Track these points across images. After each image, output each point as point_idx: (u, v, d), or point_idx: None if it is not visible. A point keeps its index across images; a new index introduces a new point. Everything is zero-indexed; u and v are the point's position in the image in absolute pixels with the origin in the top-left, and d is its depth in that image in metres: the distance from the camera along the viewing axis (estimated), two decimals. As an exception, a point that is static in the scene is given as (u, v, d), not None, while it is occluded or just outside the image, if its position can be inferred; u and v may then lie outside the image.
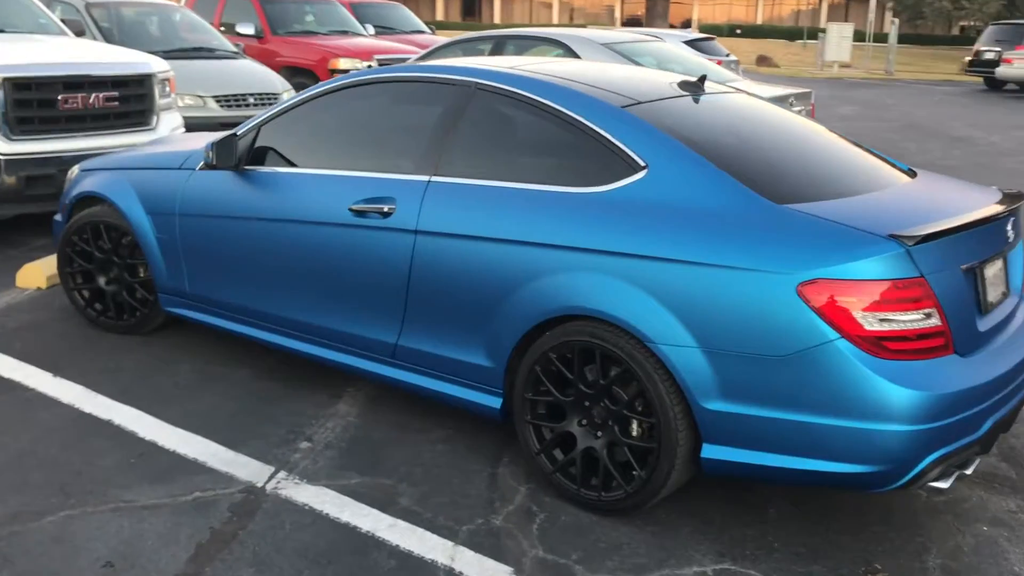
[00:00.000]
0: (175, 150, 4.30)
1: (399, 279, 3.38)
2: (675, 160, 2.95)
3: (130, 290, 4.48)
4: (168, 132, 6.74)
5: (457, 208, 3.24)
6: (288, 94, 10.09)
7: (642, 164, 2.98)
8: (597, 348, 2.94)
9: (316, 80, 13.90)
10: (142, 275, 4.45)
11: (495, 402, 3.26)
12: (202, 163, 4.04)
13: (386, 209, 3.38)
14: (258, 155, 3.90)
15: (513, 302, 3.10)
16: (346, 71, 13.76)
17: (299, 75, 13.20)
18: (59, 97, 5.96)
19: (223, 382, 4.04)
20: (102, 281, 4.56)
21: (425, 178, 3.36)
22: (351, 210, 3.46)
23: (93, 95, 6.18)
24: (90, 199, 4.54)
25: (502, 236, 3.11)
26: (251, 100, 9.52)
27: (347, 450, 3.45)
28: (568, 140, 3.15)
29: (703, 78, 3.63)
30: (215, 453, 3.39)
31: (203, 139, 4.55)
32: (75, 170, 4.75)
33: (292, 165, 3.79)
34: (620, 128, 3.07)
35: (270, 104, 9.71)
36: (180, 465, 3.30)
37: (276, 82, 10.02)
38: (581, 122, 3.13)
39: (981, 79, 23.34)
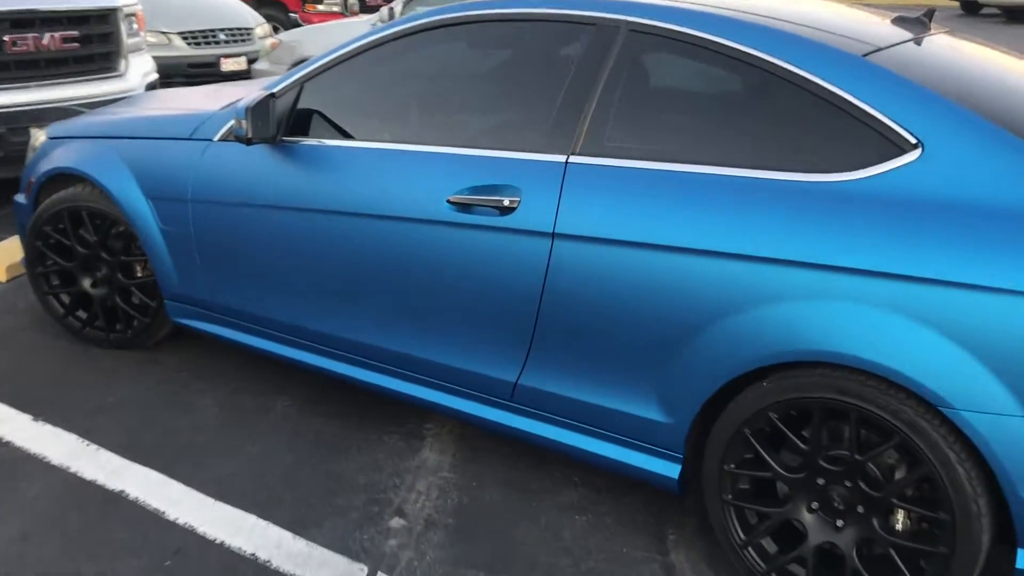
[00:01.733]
0: (180, 113, 3.25)
1: (525, 299, 2.44)
2: (963, 134, 2.03)
3: (124, 294, 3.46)
4: (140, 79, 5.60)
5: (615, 202, 2.29)
6: (261, 29, 8.88)
7: (913, 141, 2.05)
8: (852, 410, 2.05)
9: (286, 12, 12.56)
10: (140, 275, 3.43)
11: (670, 470, 2.38)
12: (223, 131, 3.02)
13: (506, 203, 2.42)
14: (300, 122, 2.89)
15: (709, 338, 2.19)
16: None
17: (266, 6, 11.88)
18: (4, 38, 4.80)
19: (260, 420, 3.08)
20: (87, 283, 3.53)
21: (561, 158, 2.40)
22: (451, 203, 2.49)
23: (47, 35, 5.02)
24: (67, 177, 3.47)
25: (690, 245, 2.18)
26: (222, 37, 8.32)
27: (458, 530, 2.54)
28: (789, 105, 2.20)
29: (930, 12, 2.69)
30: (280, 543, 2.46)
31: (214, 97, 3.49)
32: (41, 136, 3.66)
33: (349, 137, 2.79)
34: (875, 88, 2.13)
35: (243, 41, 8.52)
36: (236, 568, 2.36)
37: (247, 15, 8.80)
38: (809, 80, 2.18)
39: (957, 3, 22.49)
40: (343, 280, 2.76)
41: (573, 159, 2.39)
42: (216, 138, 3.04)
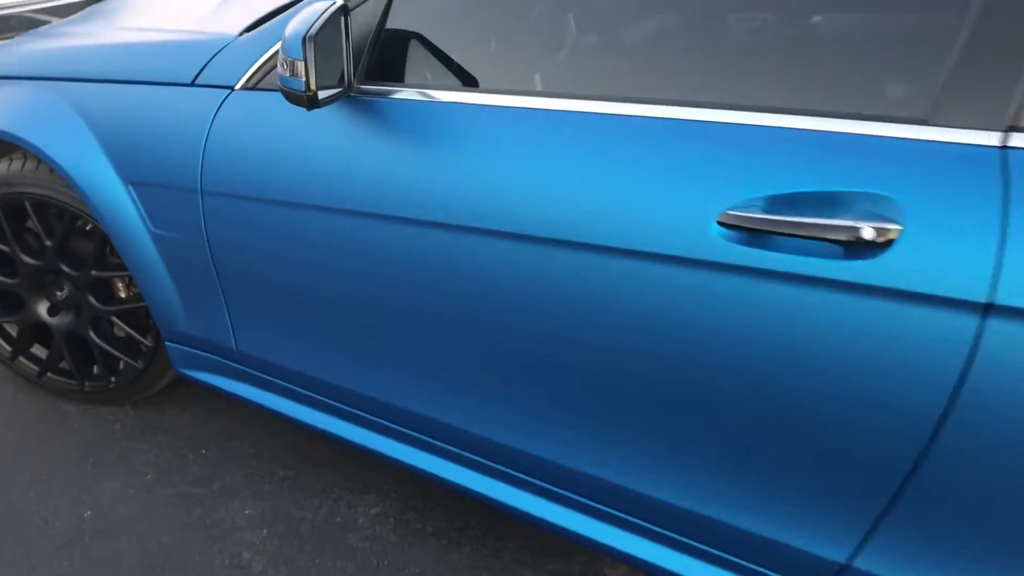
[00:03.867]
0: (170, 39, 1.94)
1: (902, 428, 1.20)
2: None
3: (99, 326, 2.22)
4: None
5: None
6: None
7: None
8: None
9: None
10: (124, 295, 2.18)
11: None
12: (250, 72, 1.73)
13: (865, 232, 1.15)
14: (392, 57, 1.60)
15: None
16: None
17: None
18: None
19: (341, 542, 1.88)
20: (42, 309, 2.28)
21: (992, 138, 1.12)
22: (724, 225, 1.22)
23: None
24: (-6, 144, 2.19)
25: None
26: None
27: None
28: None
29: None
30: None
31: (223, 7, 2.17)
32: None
33: (492, 87, 1.51)
34: None
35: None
36: None
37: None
38: None
39: None
40: (497, 353, 1.52)
41: (1018, 139, 1.11)
42: (239, 84, 1.75)
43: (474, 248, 1.43)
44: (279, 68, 1.47)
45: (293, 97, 1.46)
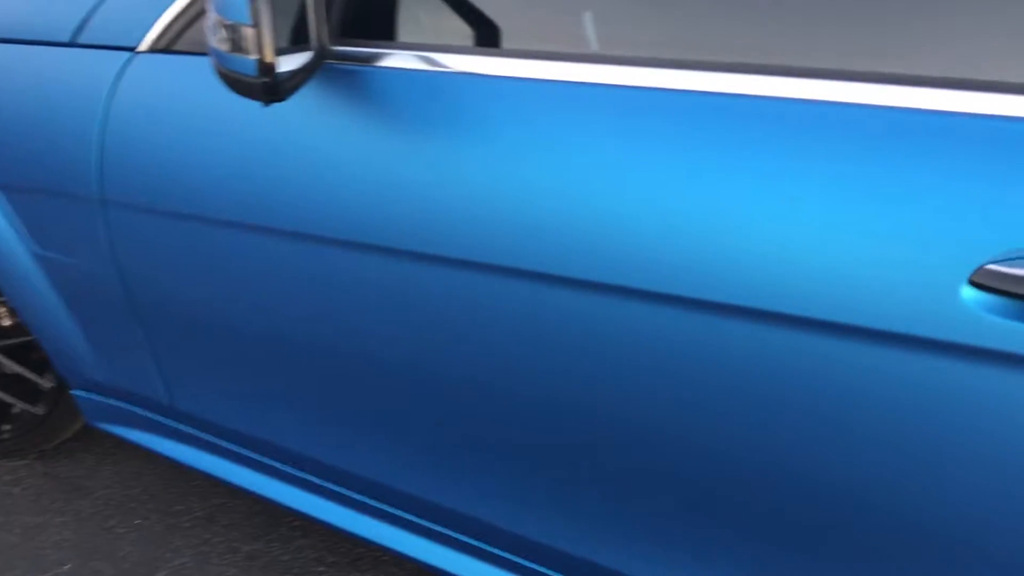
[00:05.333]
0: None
1: None
2: None
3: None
4: None
5: None
6: None
7: None
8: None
9: None
10: (7, 325, 1.63)
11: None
12: (159, 30, 1.15)
13: None
14: (376, 8, 1.05)
15: None
16: None
17: None
18: None
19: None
20: None
21: None
22: (982, 288, 0.73)
23: None
24: None
25: None
26: None
27: None
28: None
29: None
30: None
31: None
32: None
33: (534, 48, 0.98)
34: None
35: None
36: None
37: None
38: None
39: None
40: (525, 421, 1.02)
41: None
42: (144, 44, 1.17)
43: (547, 301, 0.92)
44: (209, 38, 0.91)
45: (238, 84, 0.90)
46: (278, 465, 1.35)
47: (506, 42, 1.02)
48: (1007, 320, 0.73)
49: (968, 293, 0.74)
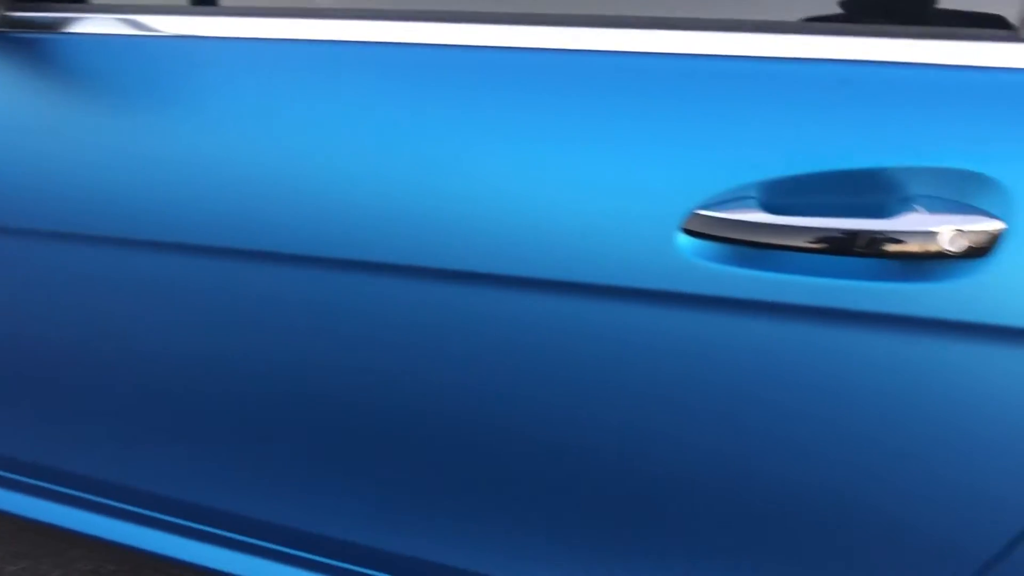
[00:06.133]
0: None
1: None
2: None
3: None
4: None
5: None
6: None
7: None
8: None
9: None
10: None
11: None
12: None
13: (949, 240, 0.69)
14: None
15: None
16: None
17: None
18: None
19: None
20: None
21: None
22: (691, 233, 0.75)
23: None
24: None
25: None
26: None
27: None
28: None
29: None
30: None
31: None
32: None
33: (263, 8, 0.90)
34: None
35: None
36: None
37: None
38: None
39: None
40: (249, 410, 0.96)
41: None
42: None
43: (279, 280, 0.86)
44: None
45: None
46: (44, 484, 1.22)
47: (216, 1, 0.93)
48: (720, 265, 0.73)
49: (682, 240, 0.73)
